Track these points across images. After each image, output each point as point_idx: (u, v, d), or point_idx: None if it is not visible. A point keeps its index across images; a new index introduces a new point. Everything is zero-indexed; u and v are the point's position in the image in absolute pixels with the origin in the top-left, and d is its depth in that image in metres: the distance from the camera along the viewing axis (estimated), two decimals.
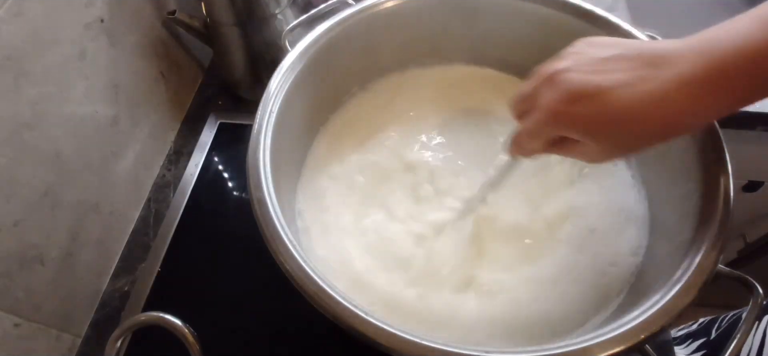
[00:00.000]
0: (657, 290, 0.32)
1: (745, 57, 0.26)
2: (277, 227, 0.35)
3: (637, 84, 0.28)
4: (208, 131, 0.69)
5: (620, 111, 0.29)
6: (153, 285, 0.55)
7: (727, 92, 0.28)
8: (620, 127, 0.30)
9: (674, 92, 0.28)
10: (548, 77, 0.32)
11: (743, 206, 0.88)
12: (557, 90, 0.31)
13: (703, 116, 0.29)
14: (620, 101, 0.29)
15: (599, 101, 0.29)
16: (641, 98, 0.28)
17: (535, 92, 0.33)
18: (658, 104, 0.28)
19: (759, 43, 0.26)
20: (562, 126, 0.32)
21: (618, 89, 0.29)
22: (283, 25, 0.64)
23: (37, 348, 0.49)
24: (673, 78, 0.28)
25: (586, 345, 0.30)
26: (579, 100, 0.30)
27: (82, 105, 0.53)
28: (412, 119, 0.55)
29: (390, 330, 0.30)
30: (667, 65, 0.28)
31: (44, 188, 0.49)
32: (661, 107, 0.28)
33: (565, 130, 0.32)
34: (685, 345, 0.61)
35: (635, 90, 0.28)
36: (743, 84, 0.27)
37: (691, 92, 0.28)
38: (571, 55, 0.32)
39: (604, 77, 0.29)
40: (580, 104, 0.30)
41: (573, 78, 0.30)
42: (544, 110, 0.32)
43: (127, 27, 0.59)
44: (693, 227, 0.35)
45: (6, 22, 0.43)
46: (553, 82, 0.31)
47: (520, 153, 0.37)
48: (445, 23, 0.54)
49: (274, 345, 0.52)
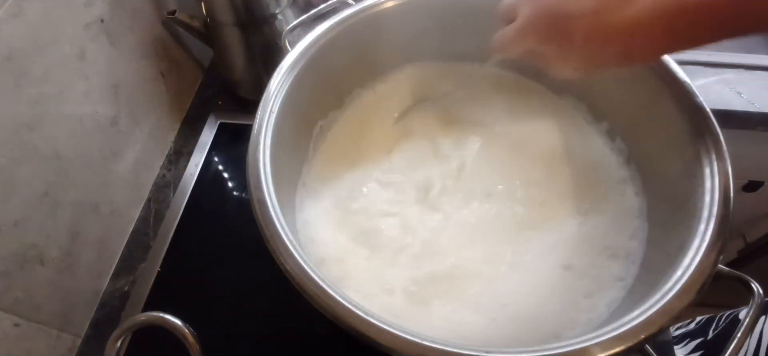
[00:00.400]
0: (657, 290, 0.32)
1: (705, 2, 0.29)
2: (277, 227, 0.35)
3: (604, 14, 0.32)
4: (208, 131, 0.69)
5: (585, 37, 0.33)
6: (153, 285, 0.55)
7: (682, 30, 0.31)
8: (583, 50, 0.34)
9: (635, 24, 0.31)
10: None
11: (743, 206, 0.88)
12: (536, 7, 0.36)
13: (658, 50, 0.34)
14: (586, 28, 0.33)
15: (572, 23, 0.34)
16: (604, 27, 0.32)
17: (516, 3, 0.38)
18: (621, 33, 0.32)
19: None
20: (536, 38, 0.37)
21: (590, 16, 0.33)
22: (283, 25, 0.64)
23: (37, 348, 0.49)
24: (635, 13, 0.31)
25: (586, 345, 0.30)
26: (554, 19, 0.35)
27: (82, 105, 0.53)
28: (414, 117, 0.54)
29: (390, 330, 0.30)
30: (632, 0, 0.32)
31: (44, 188, 0.49)
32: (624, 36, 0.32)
33: (537, 41, 0.37)
34: (683, 345, 0.61)
35: (600, 20, 0.32)
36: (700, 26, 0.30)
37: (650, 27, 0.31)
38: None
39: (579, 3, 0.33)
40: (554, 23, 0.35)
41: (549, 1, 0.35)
42: (523, 22, 0.37)
43: (127, 27, 0.59)
44: (693, 227, 0.35)
45: (6, 22, 0.43)
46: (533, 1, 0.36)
47: (502, 52, 0.41)
48: (445, 22, 0.54)
49: (274, 345, 0.52)
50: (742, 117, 0.67)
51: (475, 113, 0.54)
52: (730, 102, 0.68)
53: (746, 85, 0.69)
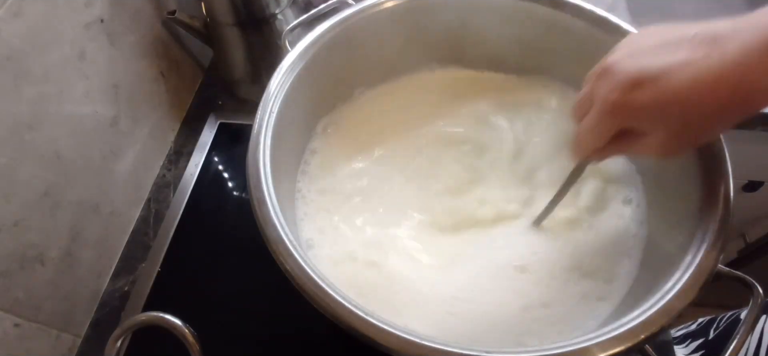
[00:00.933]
0: (657, 290, 0.32)
1: None
2: (277, 227, 0.35)
3: (700, 61, 0.27)
4: (208, 131, 0.69)
5: (684, 89, 0.27)
6: (153, 285, 0.55)
7: None
8: (686, 107, 0.27)
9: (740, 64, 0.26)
10: (602, 71, 0.31)
11: (743, 206, 0.88)
12: (614, 80, 0.29)
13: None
14: (684, 79, 0.27)
15: (661, 83, 0.27)
16: (706, 72, 0.26)
17: (591, 89, 0.32)
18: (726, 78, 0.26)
19: None
20: (623, 115, 0.30)
21: (680, 69, 0.27)
22: (283, 25, 0.64)
23: (37, 348, 0.49)
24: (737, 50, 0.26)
25: (586, 345, 0.30)
26: (638, 85, 0.28)
27: (82, 105, 0.53)
28: (415, 119, 0.54)
29: (390, 330, 0.30)
30: (727, 40, 0.26)
31: (44, 188, 0.49)
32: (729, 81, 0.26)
33: (626, 119, 0.30)
34: (684, 345, 0.61)
35: (699, 66, 0.27)
36: None
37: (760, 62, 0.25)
38: (623, 45, 0.31)
39: (662, 59, 0.28)
40: (639, 90, 0.28)
41: (629, 64, 0.29)
42: (601, 101, 0.30)
43: (127, 27, 0.59)
44: (693, 227, 0.35)
45: (6, 22, 0.43)
46: (608, 74, 0.30)
47: (583, 153, 0.35)
48: (446, 23, 0.54)
49: (274, 344, 0.52)
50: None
51: (479, 114, 0.54)
52: None
53: None
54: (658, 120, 0.29)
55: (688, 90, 0.27)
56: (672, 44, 0.28)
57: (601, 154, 0.34)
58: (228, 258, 0.57)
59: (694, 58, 0.27)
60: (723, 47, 0.26)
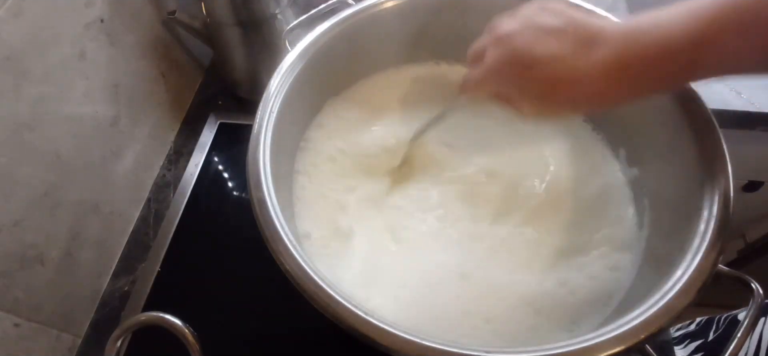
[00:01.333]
0: (657, 290, 0.32)
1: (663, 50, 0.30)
2: (277, 227, 0.35)
3: (568, 60, 0.33)
4: (208, 131, 0.69)
5: (551, 80, 0.34)
6: (153, 285, 0.55)
7: (640, 79, 0.32)
8: (548, 94, 0.34)
9: (595, 72, 0.32)
10: (497, 38, 0.37)
11: (743, 206, 0.88)
12: (503, 50, 0.36)
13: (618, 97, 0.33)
14: (551, 73, 0.33)
15: (535, 70, 0.34)
16: (568, 73, 0.33)
17: (485, 47, 0.38)
18: (581, 80, 0.32)
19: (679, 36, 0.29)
20: (500, 83, 0.37)
21: (553, 62, 0.33)
22: (283, 25, 0.64)
23: (37, 348, 0.49)
24: (597, 61, 0.31)
25: (586, 345, 0.30)
26: (517, 65, 0.35)
27: (82, 105, 0.53)
28: (415, 119, 0.54)
29: (390, 330, 0.30)
30: (597, 46, 0.32)
31: (44, 188, 0.49)
32: (584, 84, 0.32)
33: (501, 87, 0.37)
34: (683, 346, 0.61)
35: (565, 65, 0.33)
36: (657, 74, 0.31)
37: (607, 75, 0.31)
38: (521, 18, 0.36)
39: (542, 48, 0.33)
40: (517, 69, 0.35)
41: (516, 44, 0.35)
42: (488, 66, 0.37)
43: (127, 27, 0.59)
44: (693, 227, 0.35)
45: (6, 22, 0.43)
46: (500, 43, 0.36)
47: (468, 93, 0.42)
48: (446, 23, 0.54)
49: (274, 344, 0.52)
50: (742, 117, 0.67)
51: (479, 123, 0.54)
52: (730, 102, 0.68)
53: (746, 85, 0.69)
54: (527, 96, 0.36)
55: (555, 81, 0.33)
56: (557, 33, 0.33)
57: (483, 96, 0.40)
58: (228, 258, 0.57)
59: (568, 55, 0.33)
60: (591, 53, 0.32)
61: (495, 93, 0.38)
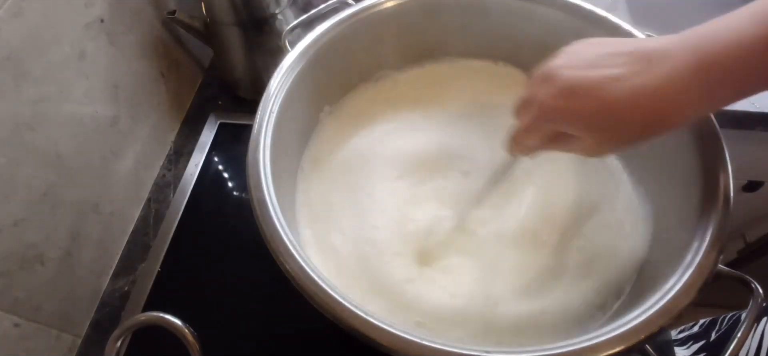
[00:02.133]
0: (657, 290, 0.32)
1: (736, 55, 0.27)
2: (277, 227, 0.35)
3: (631, 78, 0.29)
4: (208, 131, 0.69)
5: (613, 104, 0.30)
6: (153, 285, 0.55)
7: (716, 87, 0.28)
8: (613, 119, 0.30)
9: (666, 85, 0.29)
10: (544, 75, 0.33)
11: (743, 206, 0.88)
12: (552, 86, 0.32)
13: (693, 111, 0.30)
14: (613, 94, 0.30)
15: (593, 95, 0.30)
16: (634, 91, 0.29)
17: (532, 90, 0.34)
18: (650, 96, 0.29)
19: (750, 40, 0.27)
20: (558, 120, 0.33)
21: (612, 83, 0.30)
22: (283, 25, 0.64)
23: (37, 348, 0.49)
24: (666, 73, 0.29)
25: (586, 345, 0.30)
26: (573, 94, 0.31)
27: (82, 105, 0.53)
28: (415, 118, 0.54)
29: (390, 330, 0.30)
30: (661, 61, 0.29)
31: (44, 188, 0.49)
32: (654, 100, 0.29)
33: (560, 124, 0.33)
34: (686, 347, 0.61)
35: (628, 84, 0.29)
36: (733, 80, 0.28)
37: (682, 87, 0.28)
38: (566, 54, 0.33)
39: (598, 72, 0.30)
40: (574, 99, 0.31)
41: (567, 74, 0.31)
42: (540, 105, 0.33)
43: (127, 27, 0.59)
44: (693, 227, 0.35)
45: (6, 22, 0.43)
46: (549, 79, 0.32)
47: (519, 150, 0.38)
48: (446, 23, 0.54)
49: (274, 344, 0.52)
50: (742, 117, 0.67)
51: (480, 111, 0.54)
52: None
53: None
54: (589, 127, 0.31)
55: (618, 104, 0.30)
56: (609, 57, 0.31)
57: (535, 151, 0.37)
58: (228, 258, 0.57)
59: (627, 74, 0.29)
60: (655, 68, 0.29)
61: (550, 136, 0.34)
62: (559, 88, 0.31)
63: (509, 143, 0.38)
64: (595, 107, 0.30)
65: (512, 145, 0.38)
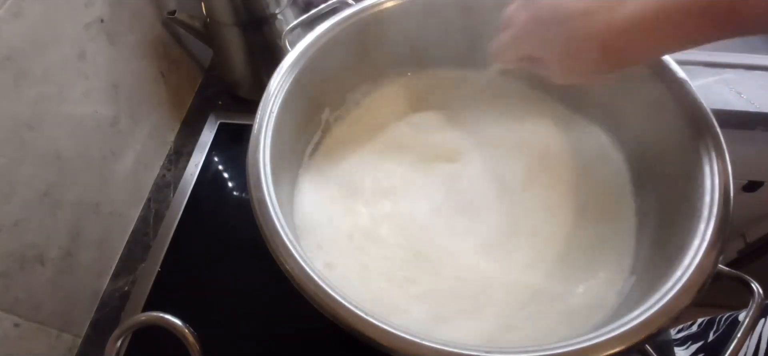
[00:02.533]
0: (657, 290, 0.32)
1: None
2: (277, 227, 0.35)
3: (601, 13, 0.32)
4: (208, 131, 0.69)
5: (582, 36, 0.32)
6: (153, 285, 0.55)
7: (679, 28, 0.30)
8: (580, 50, 0.33)
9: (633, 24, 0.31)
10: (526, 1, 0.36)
11: (743, 206, 0.88)
12: (529, 10, 0.36)
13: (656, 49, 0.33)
14: (584, 27, 0.32)
15: (566, 25, 0.33)
16: (602, 26, 0.31)
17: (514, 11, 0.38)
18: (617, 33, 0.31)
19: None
20: (528, 43, 0.37)
21: (583, 17, 0.32)
22: (283, 25, 0.64)
23: (37, 348, 0.49)
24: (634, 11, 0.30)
25: (587, 345, 0.30)
26: (544, 22, 0.34)
27: (82, 105, 0.53)
28: (414, 118, 0.54)
29: (390, 330, 0.30)
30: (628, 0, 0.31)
31: (44, 188, 0.49)
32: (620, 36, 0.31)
33: (532, 47, 0.36)
34: (684, 348, 0.61)
35: (598, 18, 0.32)
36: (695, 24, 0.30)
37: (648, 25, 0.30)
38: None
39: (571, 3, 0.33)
40: (544, 26, 0.34)
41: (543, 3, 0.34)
42: (518, 27, 0.37)
43: (127, 27, 0.59)
44: (693, 227, 0.35)
45: (6, 22, 0.43)
46: (528, 3, 0.36)
47: (500, 60, 0.42)
48: (447, 23, 0.54)
49: (274, 344, 0.52)
50: (742, 117, 0.67)
51: (477, 120, 0.54)
52: (730, 102, 0.68)
53: (746, 85, 0.69)
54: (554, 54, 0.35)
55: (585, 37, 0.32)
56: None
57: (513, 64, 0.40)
58: (228, 258, 0.57)
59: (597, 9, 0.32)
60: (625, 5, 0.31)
61: (525, 56, 0.38)
62: (533, 14, 0.35)
63: (492, 52, 0.42)
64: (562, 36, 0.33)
65: (493, 53, 0.41)
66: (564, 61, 0.35)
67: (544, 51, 0.36)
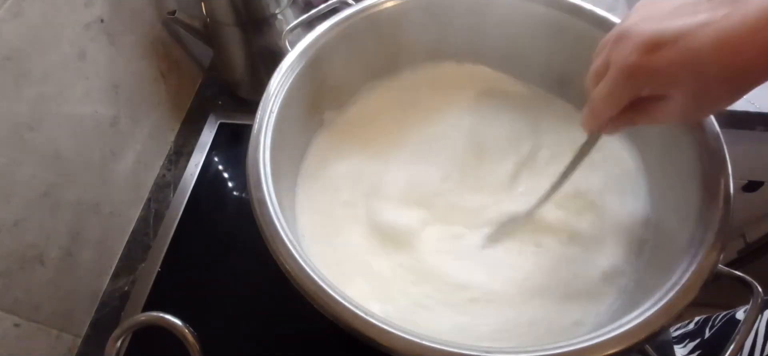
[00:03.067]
0: (657, 290, 0.32)
1: None
2: (277, 227, 0.35)
3: (721, 21, 0.25)
4: (208, 131, 0.69)
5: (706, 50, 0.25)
6: (153, 285, 0.55)
7: None
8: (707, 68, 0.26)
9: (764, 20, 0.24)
10: (618, 35, 0.29)
11: (743, 206, 0.88)
12: (631, 42, 0.28)
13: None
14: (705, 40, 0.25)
15: (681, 43, 0.26)
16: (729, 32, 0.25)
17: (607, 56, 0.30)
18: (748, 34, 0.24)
19: None
20: (641, 79, 0.28)
21: (700, 29, 0.26)
22: (283, 25, 0.64)
23: (37, 348, 0.49)
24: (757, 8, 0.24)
25: (587, 345, 0.30)
26: (658, 47, 0.27)
27: (82, 105, 0.53)
28: (414, 118, 0.54)
29: (390, 330, 0.30)
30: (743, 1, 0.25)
31: (44, 188, 0.49)
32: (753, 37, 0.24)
33: (645, 82, 0.28)
34: (682, 345, 0.61)
35: (720, 26, 0.25)
36: None
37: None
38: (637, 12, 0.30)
39: (681, 20, 0.26)
40: (659, 51, 0.27)
41: (647, 27, 0.28)
42: (618, 67, 0.29)
43: (127, 27, 0.59)
44: (693, 227, 0.35)
45: (6, 22, 0.43)
46: (624, 37, 0.28)
47: (596, 124, 0.33)
48: (446, 23, 0.54)
49: (274, 344, 0.52)
50: (742, 117, 0.67)
51: (478, 120, 0.54)
52: None
53: None
54: (678, 82, 0.27)
55: (710, 51, 0.25)
56: (690, 5, 0.27)
57: (615, 124, 0.32)
58: (228, 258, 0.57)
59: (714, 18, 0.25)
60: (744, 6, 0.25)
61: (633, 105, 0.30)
62: (638, 43, 0.27)
63: (585, 118, 0.33)
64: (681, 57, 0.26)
65: (589, 119, 0.33)
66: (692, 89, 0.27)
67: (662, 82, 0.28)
